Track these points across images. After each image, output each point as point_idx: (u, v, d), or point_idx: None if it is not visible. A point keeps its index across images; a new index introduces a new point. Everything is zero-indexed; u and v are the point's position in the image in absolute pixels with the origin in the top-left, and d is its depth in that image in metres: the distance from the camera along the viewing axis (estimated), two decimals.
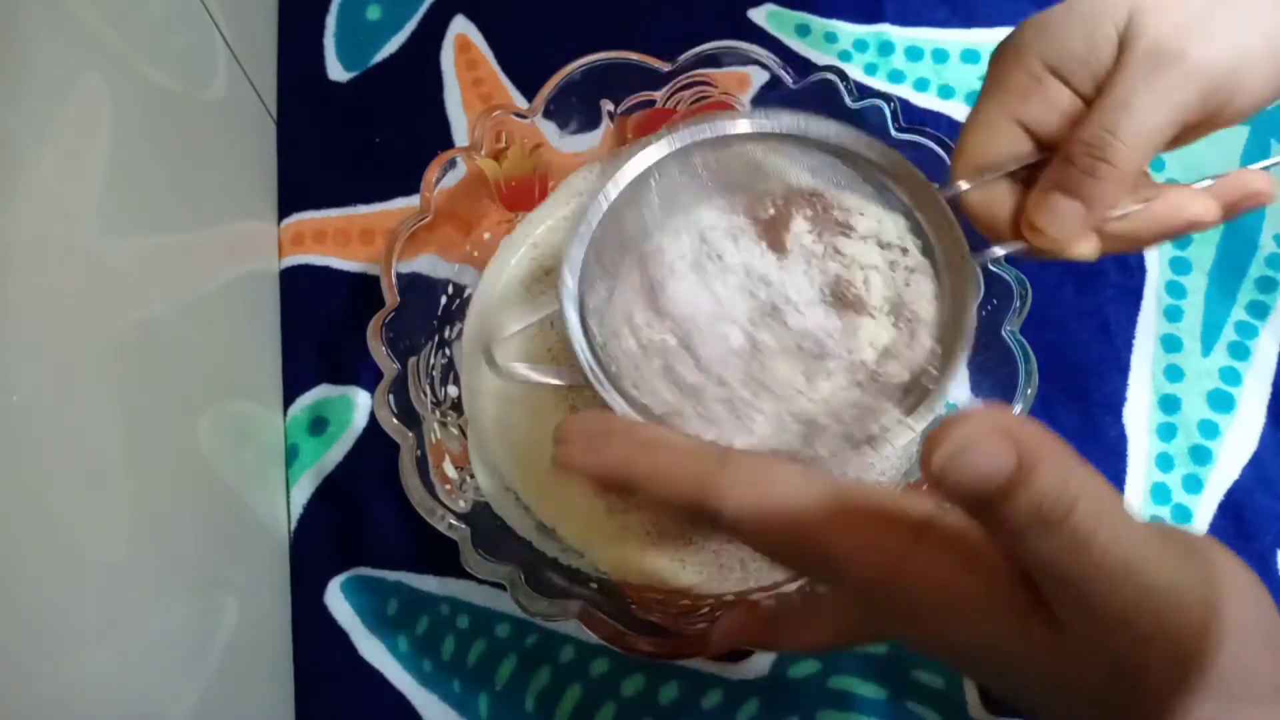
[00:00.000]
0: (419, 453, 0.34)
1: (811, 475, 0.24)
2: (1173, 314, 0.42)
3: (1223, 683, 0.22)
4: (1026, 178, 0.31)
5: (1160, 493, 0.40)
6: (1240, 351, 0.42)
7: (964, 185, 0.32)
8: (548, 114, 0.40)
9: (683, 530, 0.37)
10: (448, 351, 0.40)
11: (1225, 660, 0.22)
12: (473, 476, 0.37)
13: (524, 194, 0.42)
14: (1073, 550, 0.20)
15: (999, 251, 0.32)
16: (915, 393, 0.30)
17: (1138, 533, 0.21)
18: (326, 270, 0.44)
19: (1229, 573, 0.23)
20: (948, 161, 0.39)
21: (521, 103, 0.47)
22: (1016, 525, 0.20)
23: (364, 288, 0.44)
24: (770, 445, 0.29)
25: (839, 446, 0.29)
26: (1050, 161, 0.30)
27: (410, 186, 0.42)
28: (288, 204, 0.46)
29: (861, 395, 0.30)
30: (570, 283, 0.31)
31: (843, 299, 0.32)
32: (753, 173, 0.33)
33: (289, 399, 0.42)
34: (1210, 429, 0.41)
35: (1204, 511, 0.40)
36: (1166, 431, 0.41)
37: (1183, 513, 0.40)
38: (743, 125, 0.33)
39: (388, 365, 0.35)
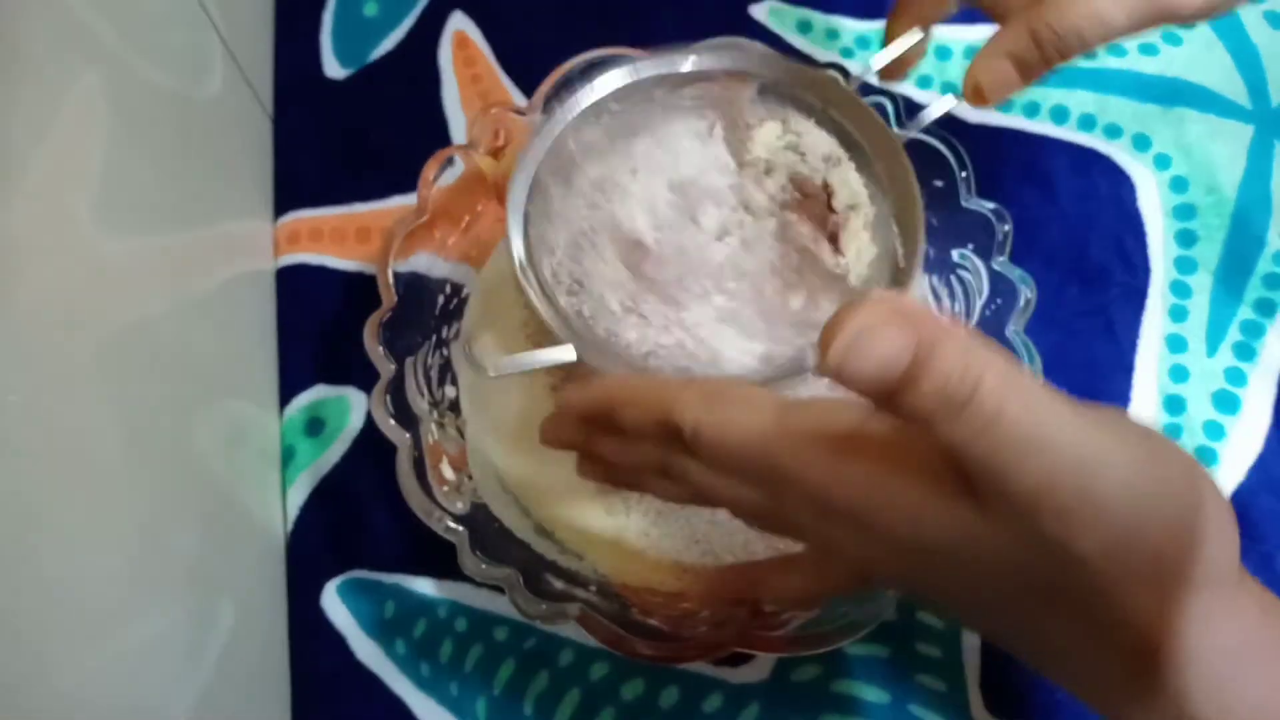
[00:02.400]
0: (416, 454, 0.34)
1: (762, 392, 0.26)
2: (1178, 314, 0.42)
3: (1197, 578, 0.22)
4: None
5: None
6: (1246, 352, 0.41)
7: (886, 56, 0.36)
8: (546, 111, 0.39)
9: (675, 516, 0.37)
10: (445, 351, 0.39)
11: (1196, 555, 0.22)
12: (470, 478, 0.37)
13: None
14: (983, 428, 0.20)
15: (930, 117, 0.36)
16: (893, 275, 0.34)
17: (1051, 406, 0.21)
18: (323, 269, 0.44)
19: (1181, 463, 0.23)
20: (951, 160, 0.39)
21: (520, 100, 0.46)
22: (923, 411, 0.20)
23: (361, 287, 0.43)
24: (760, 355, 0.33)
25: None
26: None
27: (407, 184, 0.42)
28: (284, 202, 0.45)
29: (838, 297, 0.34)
30: (519, 245, 0.34)
31: (801, 208, 0.36)
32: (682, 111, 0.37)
33: (285, 399, 0.42)
34: (1215, 430, 0.40)
35: None
36: (1172, 432, 0.40)
37: None
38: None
39: (385, 365, 0.35)
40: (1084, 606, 0.22)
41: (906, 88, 0.47)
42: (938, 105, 0.36)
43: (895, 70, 0.37)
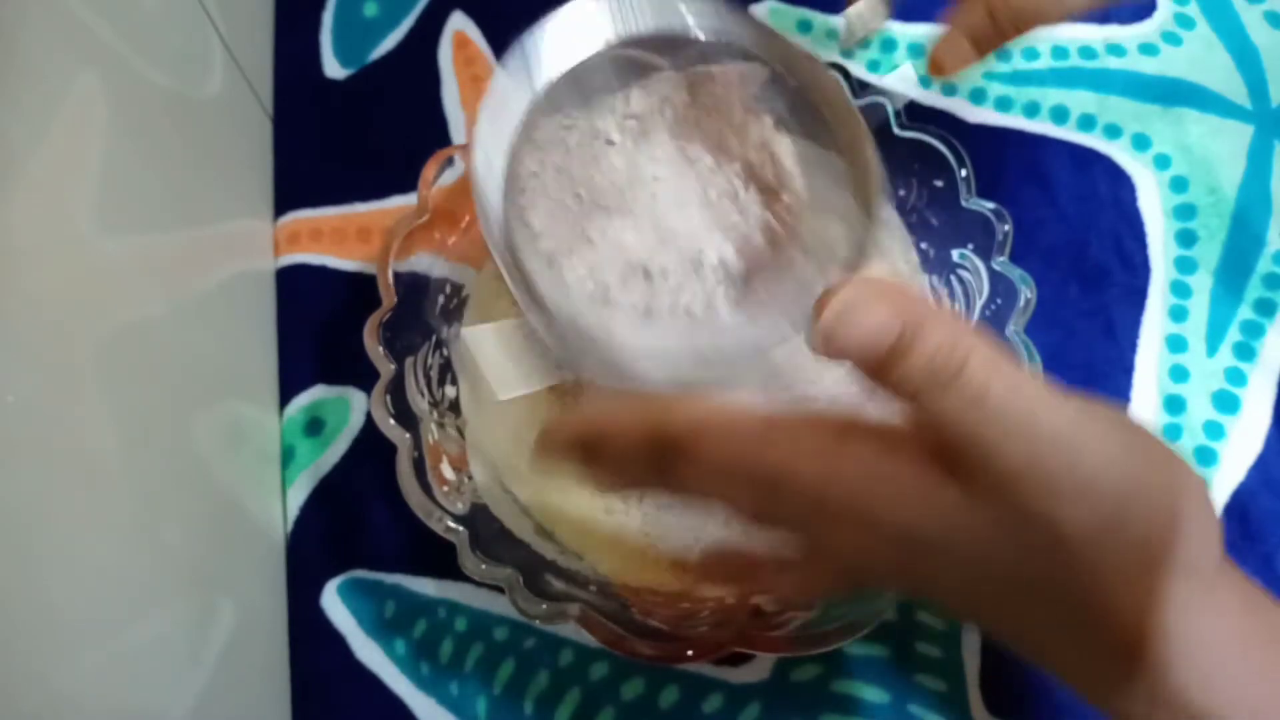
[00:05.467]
0: (416, 454, 0.34)
1: (749, 405, 0.26)
2: (1178, 314, 0.42)
3: (1181, 564, 0.22)
4: None
5: None
6: (1246, 352, 0.41)
7: (858, 25, 0.35)
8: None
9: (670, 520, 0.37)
10: (445, 351, 0.39)
11: (1180, 542, 0.22)
12: (471, 478, 0.37)
13: None
14: (970, 403, 0.21)
15: (893, 86, 0.36)
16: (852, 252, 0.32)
17: (1035, 387, 0.21)
18: (323, 269, 0.44)
19: (1161, 452, 0.23)
20: (951, 159, 0.39)
21: None
22: (912, 383, 0.21)
23: (361, 287, 0.43)
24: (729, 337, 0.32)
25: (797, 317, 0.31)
26: None
27: (408, 184, 0.42)
28: (284, 202, 0.45)
29: (801, 271, 0.33)
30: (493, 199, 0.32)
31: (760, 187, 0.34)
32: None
33: (285, 399, 0.42)
34: (1215, 430, 0.40)
35: None
36: (1171, 433, 0.40)
37: None
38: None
39: (385, 365, 0.35)
40: (1069, 592, 0.23)
41: (910, 89, 0.47)
42: (901, 76, 0.37)
43: (856, 39, 0.37)
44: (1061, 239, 0.43)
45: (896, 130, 0.39)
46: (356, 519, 0.40)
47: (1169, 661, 0.23)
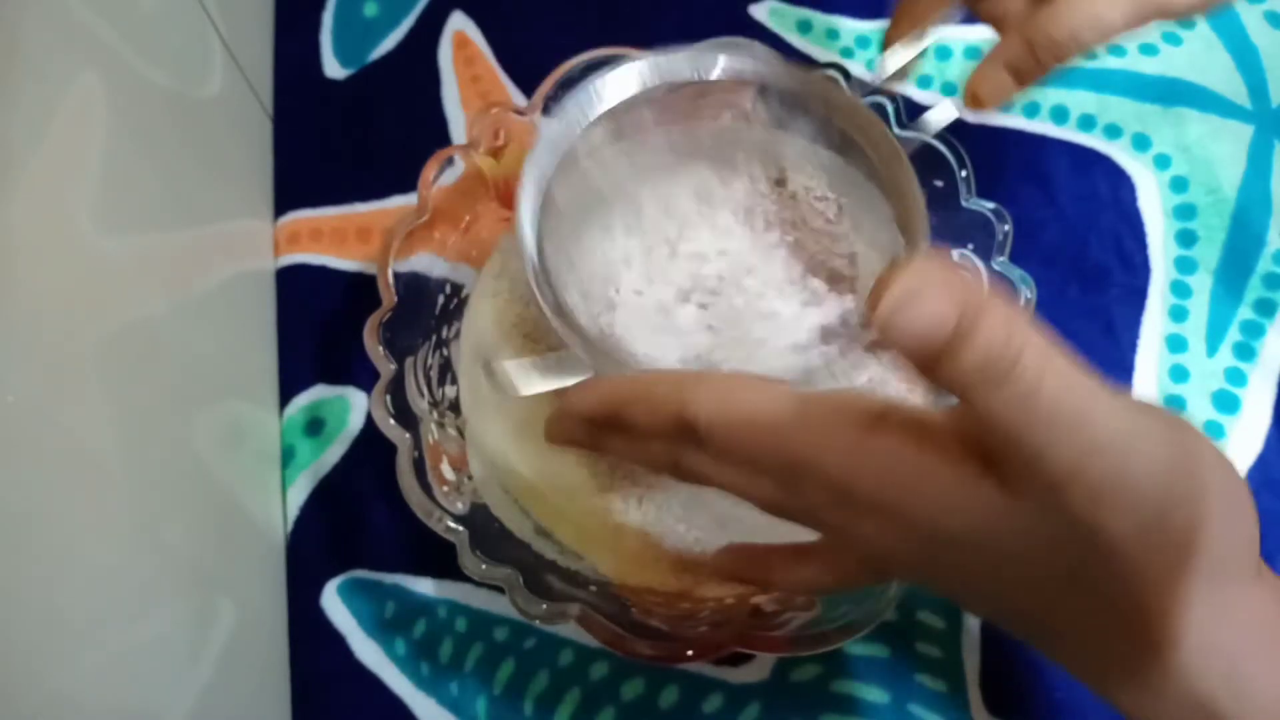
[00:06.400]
0: (416, 454, 0.34)
1: (777, 384, 0.25)
2: (1178, 314, 0.42)
3: (1212, 563, 0.22)
4: None
5: None
6: (1246, 352, 0.41)
7: (889, 66, 0.35)
8: (546, 111, 0.39)
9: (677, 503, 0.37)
10: (445, 351, 0.39)
11: (1213, 541, 0.22)
12: (470, 478, 0.37)
13: None
14: (1021, 401, 0.20)
15: (935, 125, 0.36)
16: None
17: (1087, 385, 0.21)
18: (323, 269, 0.44)
19: (1206, 452, 0.23)
20: (951, 160, 0.39)
21: (520, 100, 0.46)
22: (964, 378, 0.20)
23: (361, 287, 0.43)
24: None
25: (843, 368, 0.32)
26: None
27: (408, 184, 0.42)
28: (284, 202, 0.45)
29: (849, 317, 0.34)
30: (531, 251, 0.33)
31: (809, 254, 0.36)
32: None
33: (285, 399, 0.42)
34: (1215, 430, 0.40)
35: None
36: None
37: None
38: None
39: (385, 365, 0.35)
40: (1099, 590, 0.22)
41: (907, 88, 0.47)
42: (941, 111, 0.36)
43: (896, 77, 0.36)
44: (1061, 239, 0.43)
45: (897, 130, 0.39)
46: (356, 519, 0.40)
47: (1196, 663, 0.22)
